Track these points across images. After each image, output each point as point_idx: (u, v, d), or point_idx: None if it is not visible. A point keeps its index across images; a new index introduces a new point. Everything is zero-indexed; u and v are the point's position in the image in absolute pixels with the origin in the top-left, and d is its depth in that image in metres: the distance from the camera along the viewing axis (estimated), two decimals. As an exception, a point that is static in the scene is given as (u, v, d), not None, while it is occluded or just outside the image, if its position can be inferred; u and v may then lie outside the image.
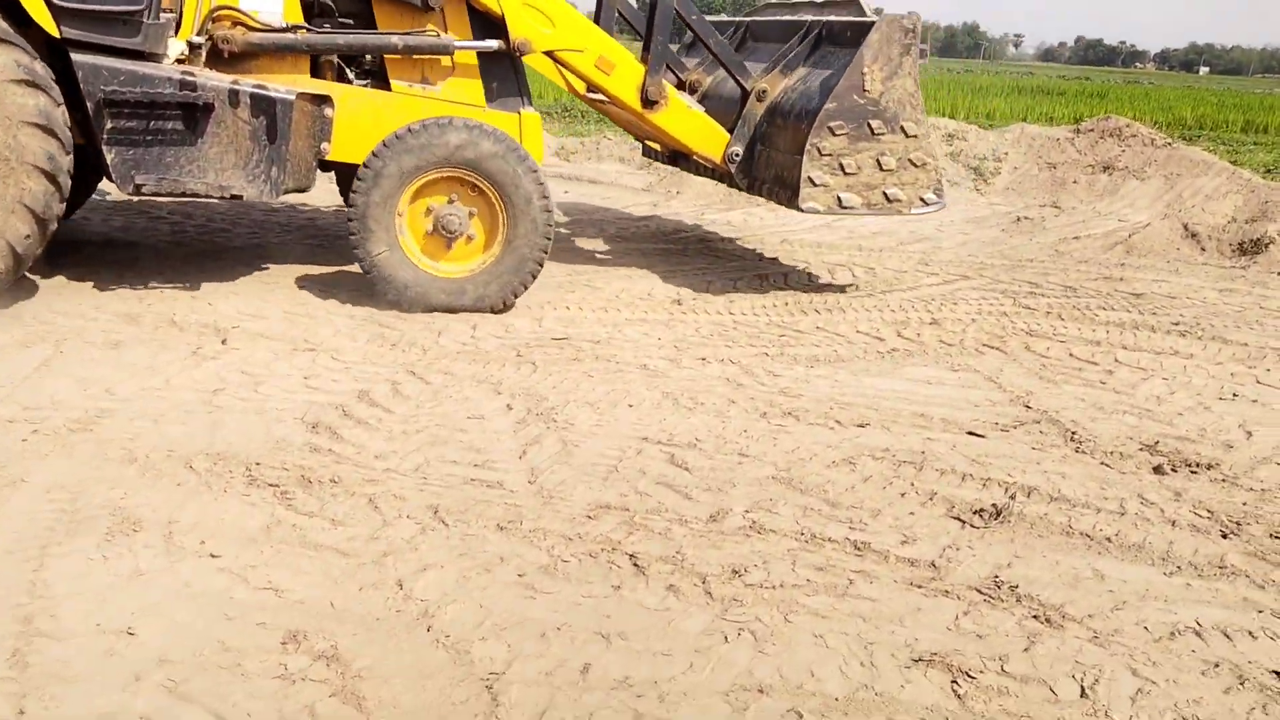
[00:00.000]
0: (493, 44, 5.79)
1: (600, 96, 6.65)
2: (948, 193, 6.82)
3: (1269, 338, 6.04)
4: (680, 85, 7.30)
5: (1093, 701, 2.55)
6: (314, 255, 6.79)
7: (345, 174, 6.32)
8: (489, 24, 5.82)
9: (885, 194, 6.01)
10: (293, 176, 5.47)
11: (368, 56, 5.99)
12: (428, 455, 3.76)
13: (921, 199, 6.08)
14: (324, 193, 7.56)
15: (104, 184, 7.23)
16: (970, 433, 4.29)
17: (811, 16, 6.79)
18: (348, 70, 5.90)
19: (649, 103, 6.17)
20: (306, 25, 5.59)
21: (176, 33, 5.41)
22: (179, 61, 5.35)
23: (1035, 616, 2.90)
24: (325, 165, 5.94)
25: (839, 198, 5.94)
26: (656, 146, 7.65)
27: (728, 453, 3.94)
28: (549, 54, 6.01)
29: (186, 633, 2.60)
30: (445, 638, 2.65)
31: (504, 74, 5.94)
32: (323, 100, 5.52)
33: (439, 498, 3.42)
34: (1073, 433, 4.34)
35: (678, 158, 7.31)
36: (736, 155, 6.37)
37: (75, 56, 4.99)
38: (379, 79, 5.87)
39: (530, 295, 5.79)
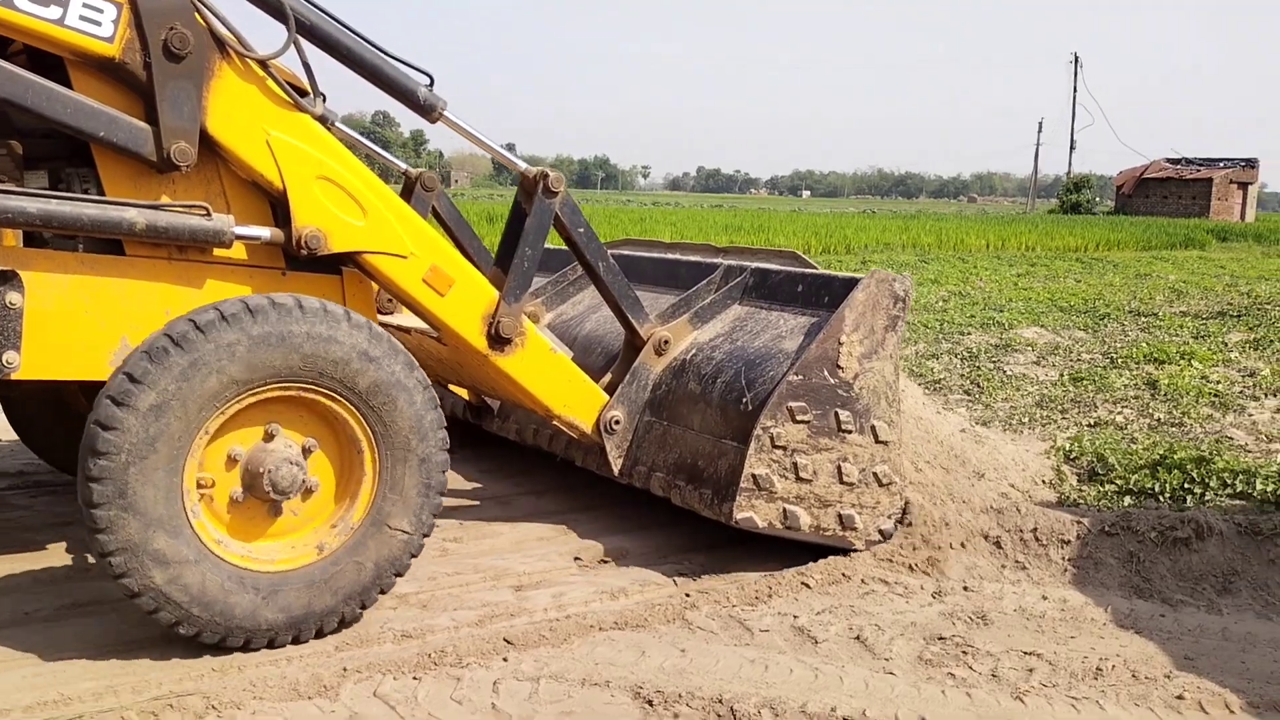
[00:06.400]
0: (263, 232, 3.63)
1: (412, 323, 4.48)
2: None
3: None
4: None
5: None
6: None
7: (30, 402, 3.87)
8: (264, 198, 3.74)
9: (840, 516, 4.25)
10: None
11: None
12: None
13: (880, 531, 4.37)
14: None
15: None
16: None
17: (728, 261, 5.22)
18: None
19: (499, 340, 4.13)
20: None
21: None
22: None
23: None
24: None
25: (785, 511, 4.16)
26: (462, 393, 5.56)
27: None
28: (353, 257, 3.83)
29: None
30: None
31: None
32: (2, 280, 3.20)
33: None
34: None
35: (482, 413, 5.48)
36: (617, 423, 4.56)
37: None
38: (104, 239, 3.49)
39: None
